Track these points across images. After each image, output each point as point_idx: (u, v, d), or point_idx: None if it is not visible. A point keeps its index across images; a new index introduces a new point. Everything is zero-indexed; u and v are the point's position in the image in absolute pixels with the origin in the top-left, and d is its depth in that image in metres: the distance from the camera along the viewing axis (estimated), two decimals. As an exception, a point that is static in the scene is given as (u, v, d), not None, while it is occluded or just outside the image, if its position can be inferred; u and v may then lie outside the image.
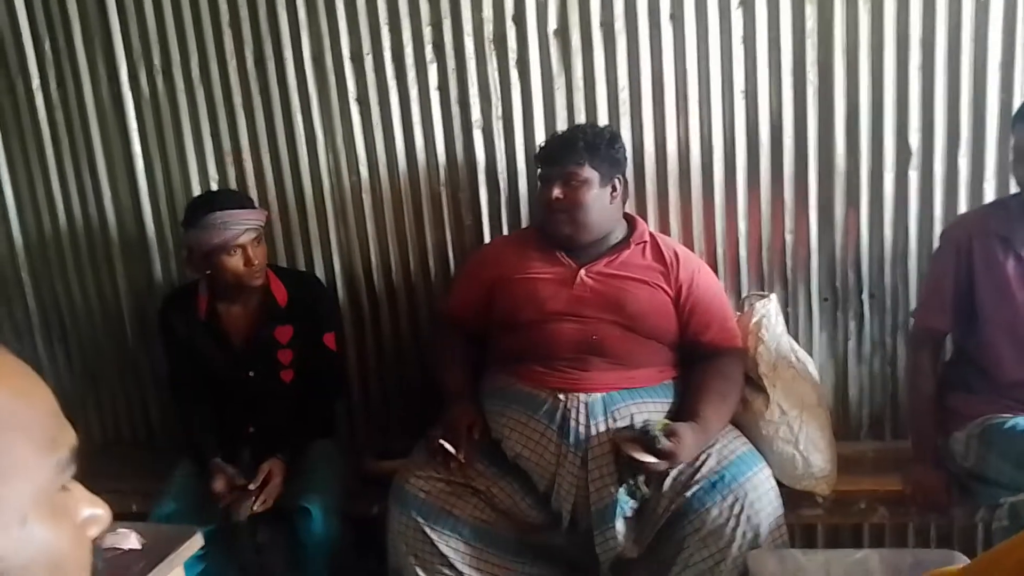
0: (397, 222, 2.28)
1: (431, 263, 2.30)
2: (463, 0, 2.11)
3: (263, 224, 2.02)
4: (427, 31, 2.14)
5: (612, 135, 1.92)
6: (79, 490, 0.65)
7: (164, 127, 2.30)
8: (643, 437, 1.65)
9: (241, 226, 1.93)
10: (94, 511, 0.65)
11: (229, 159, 2.30)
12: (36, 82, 2.33)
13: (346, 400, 2.35)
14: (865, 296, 2.16)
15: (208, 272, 1.99)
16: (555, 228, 1.89)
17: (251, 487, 1.89)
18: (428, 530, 1.75)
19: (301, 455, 2.01)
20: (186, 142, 2.30)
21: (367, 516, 2.03)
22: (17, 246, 2.48)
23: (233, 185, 2.30)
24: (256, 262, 1.96)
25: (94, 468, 2.43)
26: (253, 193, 2.28)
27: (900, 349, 2.17)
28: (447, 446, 1.75)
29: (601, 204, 1.87)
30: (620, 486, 1.69)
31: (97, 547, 0.65)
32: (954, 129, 2.04)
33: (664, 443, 1.63)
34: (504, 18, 2.11)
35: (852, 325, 2.18)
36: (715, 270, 2.11)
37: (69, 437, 0.62)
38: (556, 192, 1.85)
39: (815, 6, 2.01)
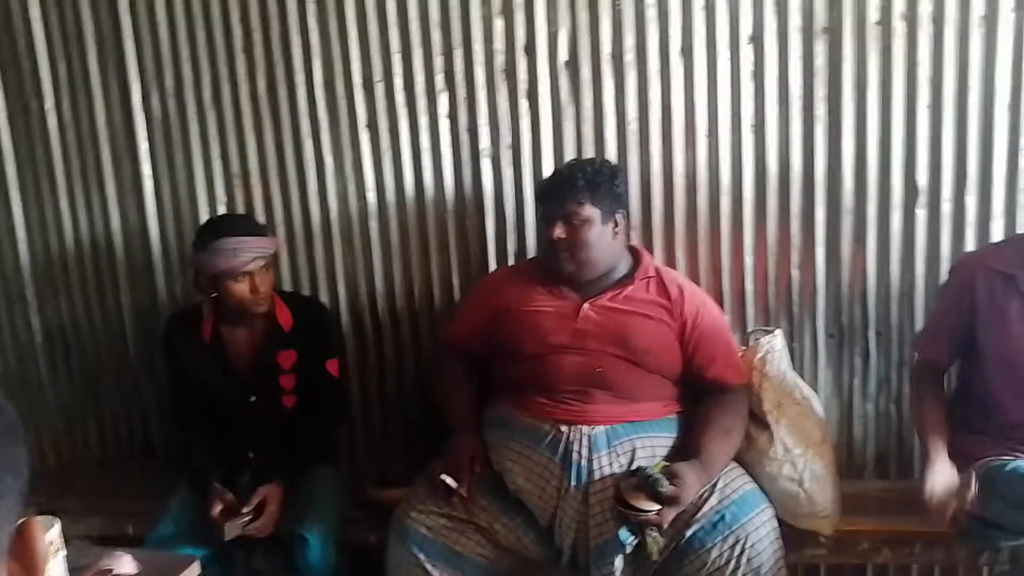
0: (403, 248, 2.28)
1: (435, 290, 2.30)
2: (475, 30, 2.12)
3: (273, 252, 2.02)
4: (438, 60, 2.16)
5: (612, 171, 1.92)
6: (31, 520, 0.65)
7: (174, 149, 2.32)
8: (645, 484, 1.63)
9: (251, 253, 1.93)
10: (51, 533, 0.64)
11: (237, 182, 2.31)
12: (50, 103, 2.34)
13: (347, 427, 2.33)
14: (871, 333, 2.15)
15: (213, 295, 1.99)
16: (558, 266, 1.89)
17: (244, 510, 1.87)
18: (429, 567, 1.73)
19: (300, 481, 2.00)
20: (195, 165, 2.31)
21: (365, 544, 2.01)
22: (23, 263, 2.48)
23: (240, 208, 2.30)
24: (262, 289, 1.97)
25: (92, 488, 2.42)
26: (260, 216, 2.28)
27: (906, 387, 2.15)
28: (449, 481, 1.74)
29: (603, 241, 1.87)
30: (621, 523, 1.67)
31: None
32: (962, 168, 2.04)
33: (667, 488, 1.62)
34: (515, 49, 2.12)
35: (858, 362, 2.17)
36: (720, 304, 2.11)
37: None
38: (558, 232, 1.85)
39: (825, 43, 2.02)
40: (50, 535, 1.22)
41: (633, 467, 1.72)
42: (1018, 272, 1.78)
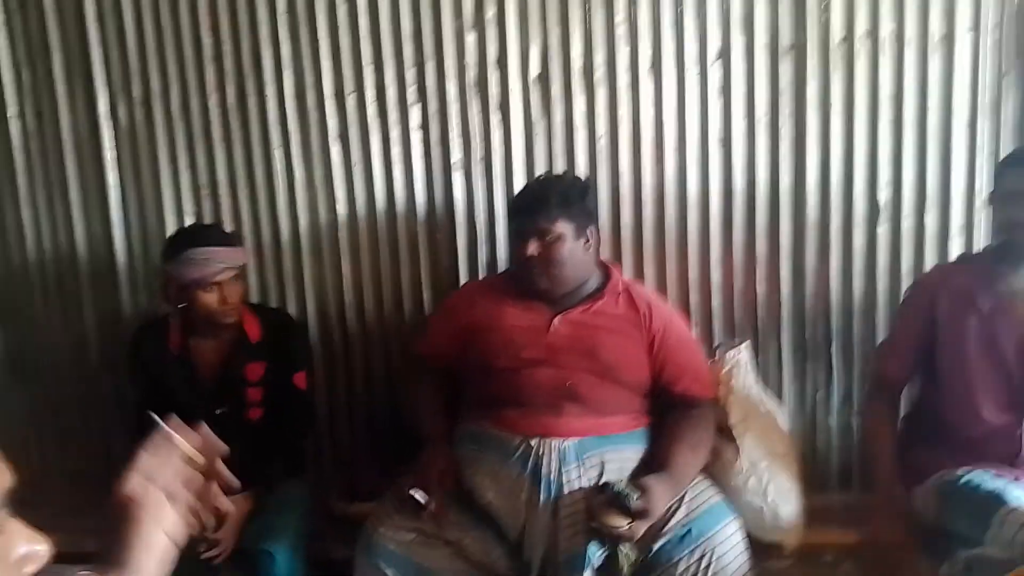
0: (373, 261, 2.28)
1: (405, 303, 2.29)
2: (447, 43, 2.13)
3: (243, 263, 2.00)
4: (410, 72, 2.16)
5: (584, 187, 1.94)
6: (14, 527, 0.65)
7: (141, 159, 2.29)
8: (615, 498, 1.64)
9: (221, 264, 1.92)
10: (31, 548, 0.64)
11: (205, 192, 2.28)
12: (13, 110, 2.30)
13: (314, 440, 2.32)
14: (834, 348, 2.19)
15: (182, 306, 1.96)
16: (531, 282, 1.89)
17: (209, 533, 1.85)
18: (398, 583, 1.72)
19: (266, 495, 1.97)
20: (162, 174, 2.29)
21: (333, 559, 1.99)
22: (-17, 272, 2.43)
23: (208, 219, 2.28)
24: (231, 300, 1.95)
25: (51, 503, 2.37)
26: (228, 228, 2.26)
27: (868, 400, 2.19)
28: (418, 496, 1.73)
29: (576, 257, 1.88)
30: (590, 538, 1.68)
31: None
32: (922, 186, 2.10)
33: (637, 503, 1.63)
34: (487, 63, 2.14)
35: (821, 376, 2.21)
36: (688, 318, 2.13)
37: (1, 483, 0.61)
38: (531, 248, 1.85)
39: (791, 61, 2.06)
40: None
41: (602, 482, 1.73)
42: (978, 290, 1.81)
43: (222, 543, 1.87)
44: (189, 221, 2.29)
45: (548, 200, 1.85)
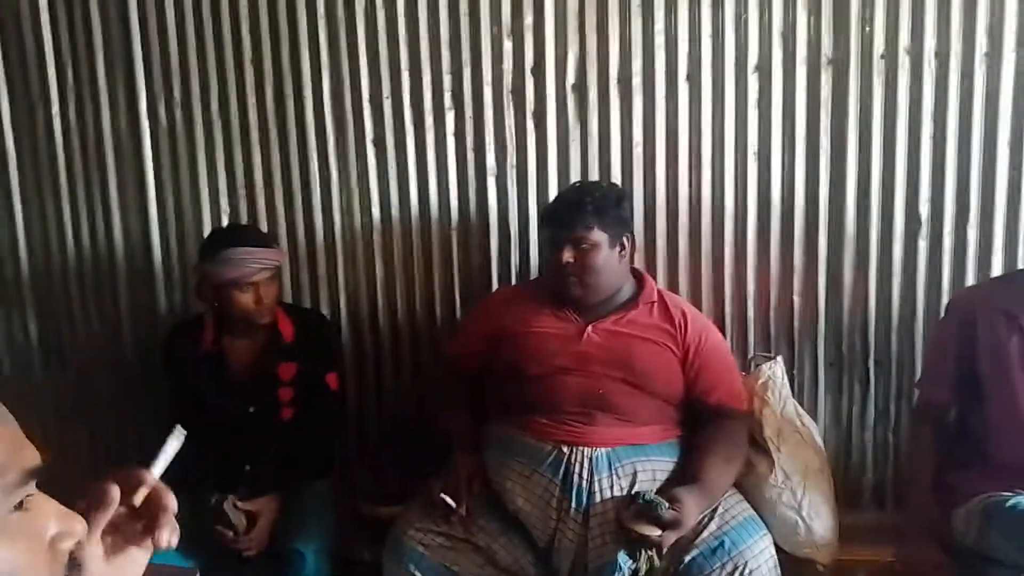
0: (406, 264, 2.28)
1: (437, 307, 2.30)
2: (483, 51, 2.14)
3: (279, 264, 2.02)
4: (447, 79, 2.17)
5: (619, 195, 1.93)
6: (48, 506, 0.65)
7: (179, 158, 2.32)
8: (647, 509, 1.63)
9: (257, 264, 1.93)
10: (65, 525, 0.64)
11: (242, 193, 2.30)
12: (56, 108, 2.34)
13: (343, 441, 2.32)
14: (871, 363, 2.16)
15: (216, 304, 1.98)
16: (566, 291, 1.89)
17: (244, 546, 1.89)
18: (426, 586, 1.72)
19: (295, 495, 1.98)
20: (200, 174, 2.31)
21: (360, 561, 1.99)
22: (23, 266, 2.46)
23: (244, 219, 2.30)
24: (266, 301, 1.96)
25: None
26: (263, 228, 2.28)
27: (904, 417, 2.17)
28: (448, 500, 1.73)
29: (610, 265, 1.88)
30: (620, 547, 1.66)
31: (75, 561, 0.66)
32: (964, 201, 2.07)
33: (668, 513, 1.61)
34: (523, 70, 2.14)
35: (857, 391, 2.18)
36: (722, 329, 2.11)
37: (21, 459, 0.61)
38: (567, 256, 1.85)
39: (830, 75, 2.05)
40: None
41: (633, 491, 1.71)
42: (1019, 311, 1.77)
43: (254, 542, 1.88)
44: (225, 220, 2.32)
45: (584, 208, 1.85)
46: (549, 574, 1.76)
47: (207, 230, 2.27)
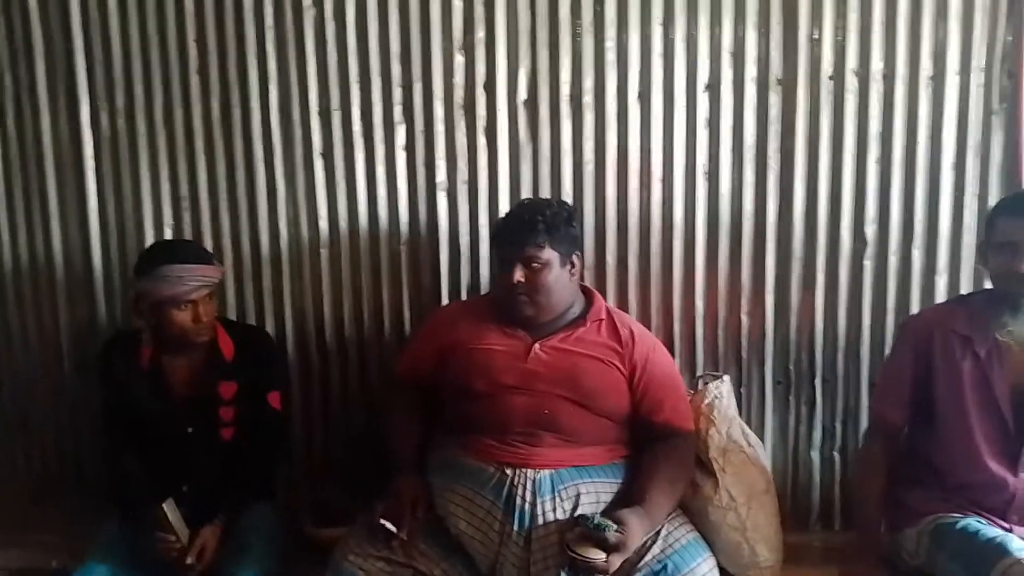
0: (354, 279, 2.25)
1: (386, 322, 2.26)
2: (435, 64, 2.12)
3: (217, 280, 1.97)
4: (397, 92, 2.15)
5: (569, 213, 1.91)
6: None
7: (122, 168, 2.26)
8: (591, 532, 1.61)
9: (195, 282, 1.88)
10: None
11: (185, 205, 2.25)
12: (-8, 114, 2.28)
13: (287, 462, 2.27)
14: (818, 381, 2.18)
15: (154, 322, 1.92)
16: (516, 310, 1.86)
17: (189, 560, 1.82)
18: (367, 611, 1.68)
19: (237, 518, 1.93)
20: (143, 184, 2.26)
21: (302, 584, 1.95)
22: (-43, 276, 2.39)
23: (188, 232, 2.25)
24: (205, 319, 1.91)
25: (15, 518, 2.32)
26: (207, 241, 2.24)
27: (851, 436, 2.18)
28: (388, 526, 1.69)
29: (561, 283, 1.86)
30: (563, 571, 1.64)
31: None
32: (909, 222, 2.09)
33: (613, 536, 1.60)
34: (475, 85, 2.12)
35: (804, 410, 2.19)
36: (670, 347, 2.11)
37: None
38: (518, 276, 1.83)
39: (779, 95, 2.06)
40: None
41: (576, 514, 1.69)
42: (974, 333, 1.79)
43: (200, 562, 1.83)
44: (168, 233, 2.26)
45: (535, 226, 1.83)
46: (492, 598, 1.73)
47: (149, 242, 2.21)
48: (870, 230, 2.10)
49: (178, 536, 1.84)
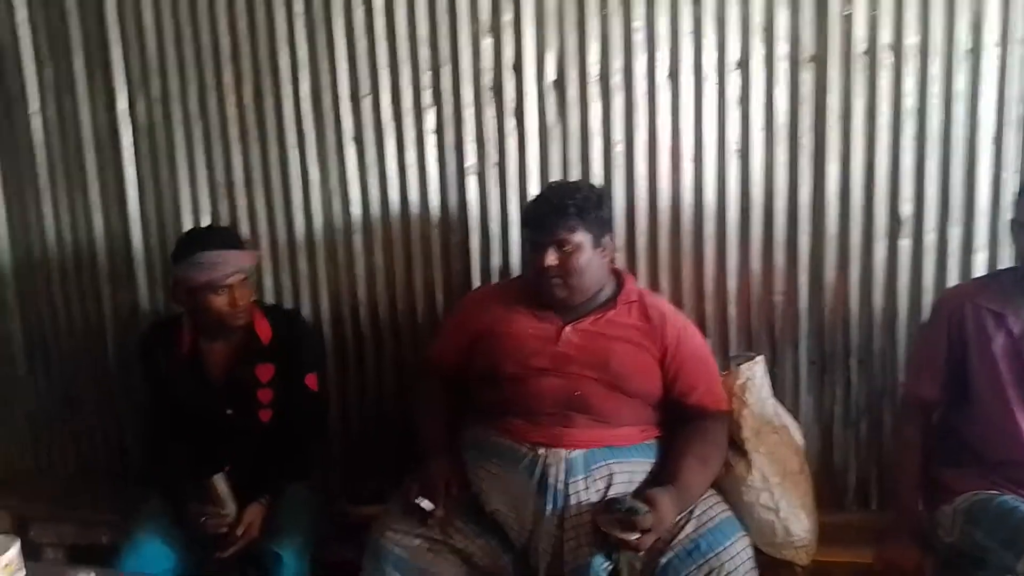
0: (387, 263, 2.27)
1: (419, 305, 2.29)
2: (463, 48, 2.12)
3: (253, 266, 2.00)
4: (426, 76, 2.15)
5: (600, 195, 1.91)
6: None
7: (159, 157, 2.31)
8: (624, 515, 1.62)
9: (230, 267, 1.92)
10: None
11: (222, 192, 2.30)
12: (35, 106, 2.33)
13: (324, 442, 2.31)
14: (853, 361, 2.15)
15: (191, 307, 1.97)
16: (549, 293, 1.85)
17: (238, 533, 1.88)
18: (405, 588, 1.71)
19: (276, 497, 1.98)
20: (179, 173, 2.30)
21: (340, 562, 1.99)
22: (5, 266, 2.47)
23: (224, 218, 2.29)
24: (241, 303, 1.95)
25: (66, 496, 2.41)
26: (244, 227, 2.28)
27: (887, 416, 2.15)
28: (424, 504, 1.72)
29: (593, 266, 1.86)
30: (597, 550, 1.66)
31: None
32: (945, 200, 2.05)
33: (646, 518, 1.61)
34: (503, 67, 2.12)
35: (839, 390, 2.17)
36: (703, 328, 2.10)
37: None
38: (550, 259, 1.82)
39: (811, 72, 2.02)
40: (8, 556, 1.20)
41: (610, 495, 1.71)
42: (1006, 309, 1.77)
43: (237, 543, 1.87)
44: (206, 219, 2.31)
45: (567, 210, 1.82)
46: (527, 574, 1.76)
47: (188, 228, 2.26)
48: (906, 208, 2.06)
49: (227, 510, 1.89)
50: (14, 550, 1.26)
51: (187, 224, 2.30)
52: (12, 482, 2.46)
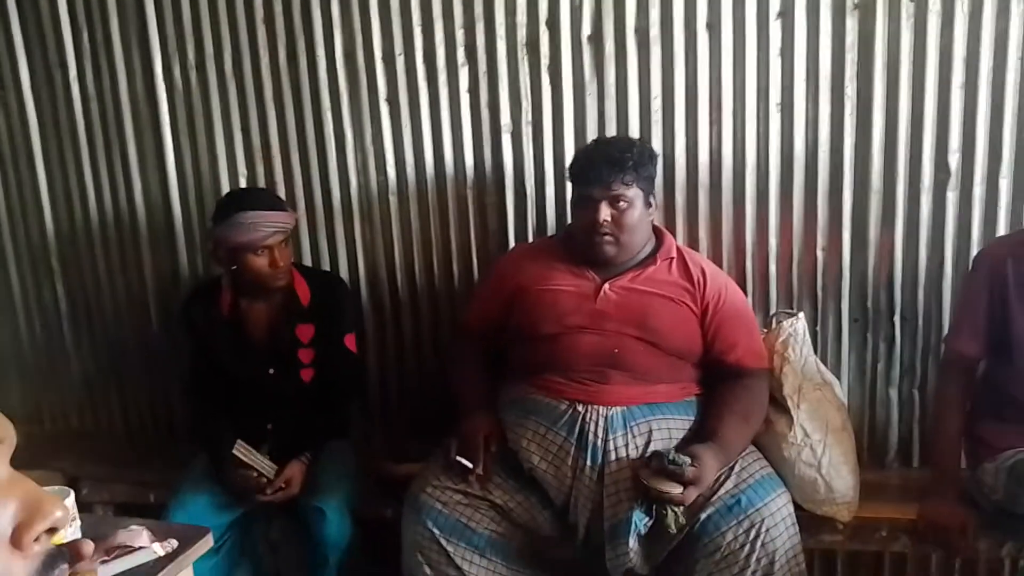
0: (423, 224, 2.27)
1: (455, 266, 2.29)
2: (496, 3, 2.08)
3: (291, 226, 2.02)
4: (459, 34, 2.12)
5: (652, 152, 1.88)
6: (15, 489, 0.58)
7: (196, 121, 2.32)
8: (669, 468, 1.62)
9: (270, 228, 1.93)
10: (28, 515, 0.58)
11: (258, 155, 2.30)
12: (73, 73, 2.35)
13: (363, 401, 2.34)
14: (897, 318, 2.10)
15: (233, 268, 1.99)
16: (598, 249, 1.82)
17: (270, 490, 1.92)
18: (444, 542, 1.74)
19: (317, 454, 2.01)
20: (216, 136, 2.31)
21: (381, 519, 2.02)
22: (48, 233, 2.51)
23: (261, 181, 2.30)
24: (281, 264, 1.97)
25: (115, 456, 2.47)
26: (280, 190, 2.28)
27: (931, 374, 2.11)
28: (464, 461, 1.74)
29: (643, 223, 1.84)
30: (637, 505, 1.66)
31: (51, 553, 0.60)
32: (996, 150, 1.98)
33: (689, 471, 1.60)
34: (538, 23, 2.08)
35: (882, 347, 2.13)
36: (743, 285, 2.07)
37: None
38: (604, 215, 1.78)
39: (856, 20, 1.96)
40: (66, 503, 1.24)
41: (649, 450, 1.70)
42: None
43: (285, 491, 1.90)
44: (243, 182, 2.32)
45: (624, 164, 1.79)
46: (566, 531, 1.77)
47: (226, 192, 2.28)
48: (953, 159, 1.99)
49: (260, 471, 1.93)
50: (70, 500, 1.30)
51: (225, 187, 2.32)
52: (64, 444, 2.53)
